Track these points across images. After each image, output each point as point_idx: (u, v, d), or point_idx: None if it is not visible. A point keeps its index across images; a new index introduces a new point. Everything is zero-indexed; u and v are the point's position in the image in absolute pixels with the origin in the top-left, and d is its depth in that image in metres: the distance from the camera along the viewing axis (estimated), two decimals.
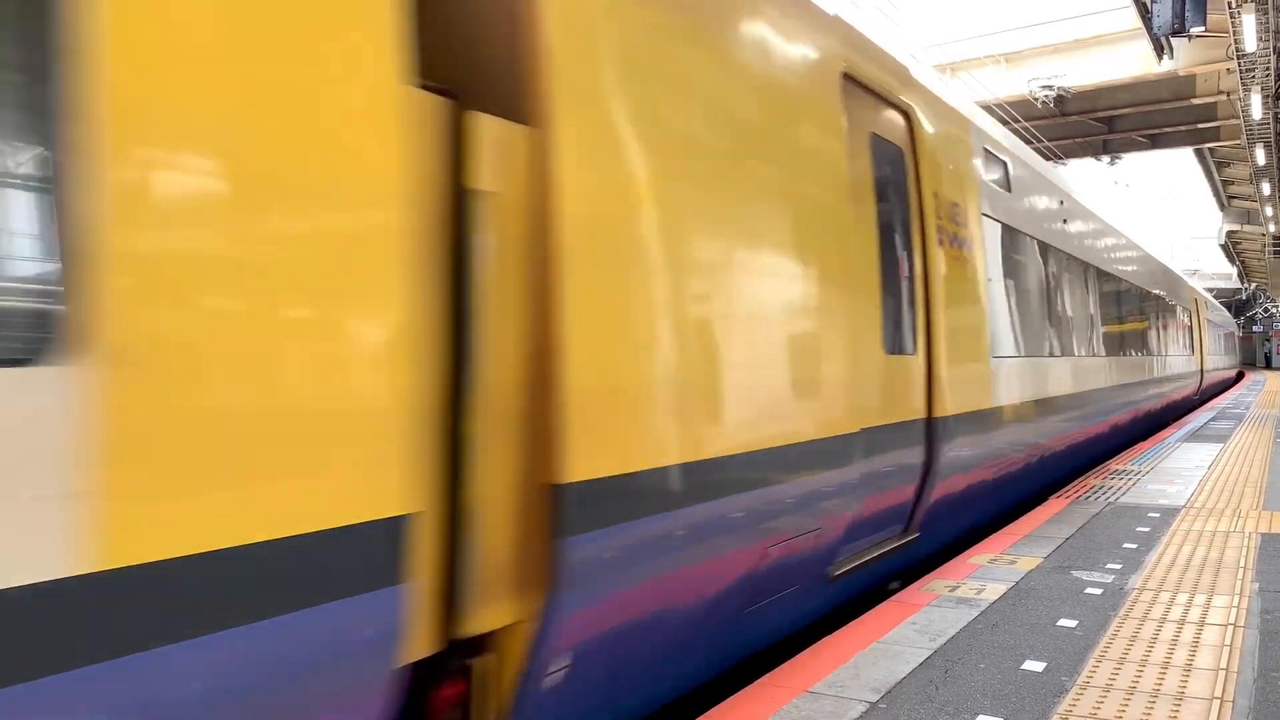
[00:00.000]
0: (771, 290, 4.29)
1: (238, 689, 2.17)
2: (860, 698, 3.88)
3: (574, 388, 3.07)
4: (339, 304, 2.38)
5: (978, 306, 7.04)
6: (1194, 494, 9.18)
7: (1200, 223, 64.89)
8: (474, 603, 2.86)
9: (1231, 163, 31.49)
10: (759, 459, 4.11)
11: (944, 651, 4.48)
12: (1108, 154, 28.32)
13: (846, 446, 4.87)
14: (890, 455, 5.55)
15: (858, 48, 5.57)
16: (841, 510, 4.91)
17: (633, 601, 3.44)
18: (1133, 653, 4.43)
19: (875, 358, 5.34)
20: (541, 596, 3.04)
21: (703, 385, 3.75)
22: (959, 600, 5.37)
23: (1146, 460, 12.15)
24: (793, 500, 4.44)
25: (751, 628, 4.46)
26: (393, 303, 2.49)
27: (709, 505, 3.76)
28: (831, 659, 4.36)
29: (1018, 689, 3.99)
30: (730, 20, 4.16)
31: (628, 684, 3.66)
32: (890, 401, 5.56)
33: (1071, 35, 21.99)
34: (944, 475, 6.19)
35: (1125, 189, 37.98)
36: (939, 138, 6.64)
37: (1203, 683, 4.02)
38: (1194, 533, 7.25)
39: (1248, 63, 15.47)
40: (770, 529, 4.26)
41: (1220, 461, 11.85)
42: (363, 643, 2.43)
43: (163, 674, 2.02)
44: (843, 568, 5.21)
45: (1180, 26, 13.62)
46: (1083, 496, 9.16)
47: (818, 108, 4.88)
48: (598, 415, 3.17)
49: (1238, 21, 13.77)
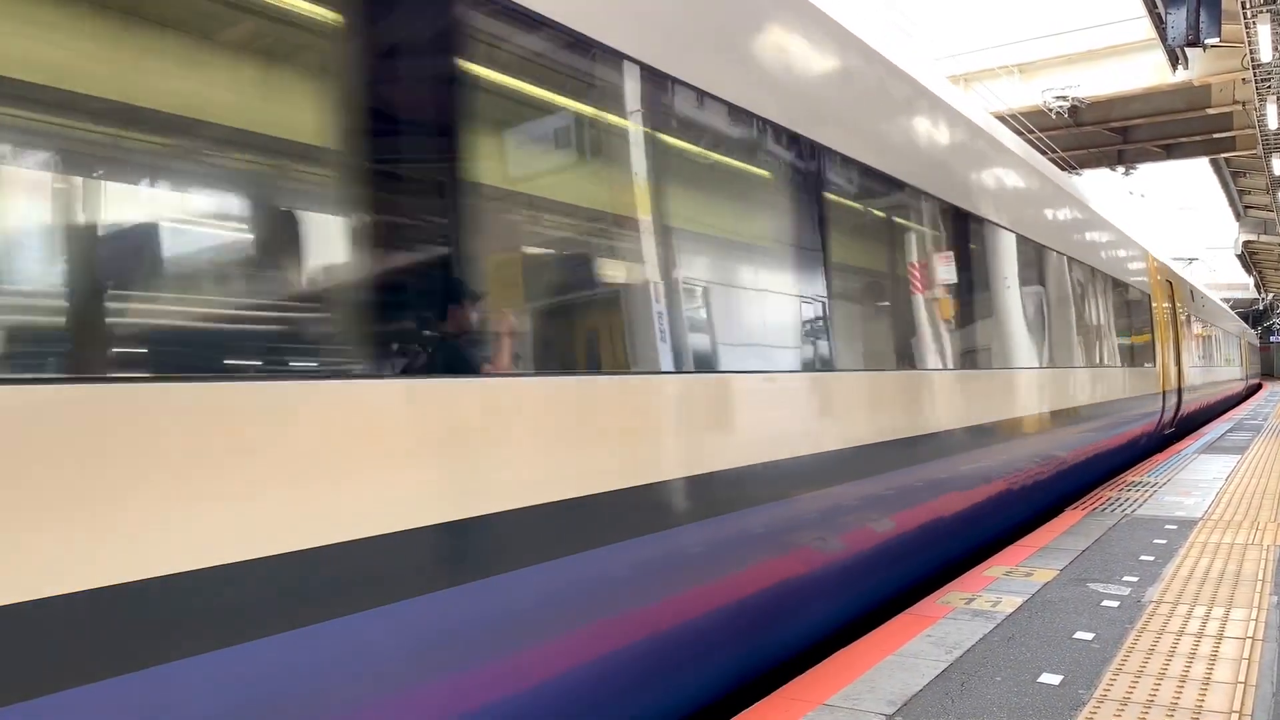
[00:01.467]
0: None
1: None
2: (876, 710, 3.89)
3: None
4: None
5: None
6: (1211, 506, 9.14)
7: (1217, 233, 64.61)
8: None
9: (1247, 172, 31.33)
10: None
11: (960, 664, 4.48)
12: (1122, 164, 28.21)
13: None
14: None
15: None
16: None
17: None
18: (1150, 666, 4.42)
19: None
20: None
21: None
22: (975, 612, 5.36)
23: (1163, 472, 12.09)
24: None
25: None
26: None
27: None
28: (847, 671, 4.37)
29: (1034, 702, 3.99)
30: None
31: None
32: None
33: (1085, 46, 21.94)
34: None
35: (1141, 199, 37.75)
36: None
37: (1221, 696, 4.01)
38: (1211, 545, 7.22)
39: (1263, 73, 15.42)
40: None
41: (1238, 473, 11.78)
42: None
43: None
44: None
45: (1195, 38, 13.58)
46: (1099, 509, 9.12)
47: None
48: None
49: (1253, 32, 13.73)
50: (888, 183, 6.10)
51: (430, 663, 2.80)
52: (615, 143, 3.80)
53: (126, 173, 2.42)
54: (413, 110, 2.92)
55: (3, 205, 2.19)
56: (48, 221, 2.27)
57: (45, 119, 2.25)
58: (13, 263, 2.20)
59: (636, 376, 3.68)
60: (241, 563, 2.29)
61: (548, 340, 3.47)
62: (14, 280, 2.19)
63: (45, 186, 2.27)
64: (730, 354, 4.40)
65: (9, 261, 2.19)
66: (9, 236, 2.20)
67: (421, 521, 2.74)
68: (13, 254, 2.21)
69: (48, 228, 2.27)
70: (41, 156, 2.29)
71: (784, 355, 4.83)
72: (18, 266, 2.21)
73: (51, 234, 2.27)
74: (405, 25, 2.90)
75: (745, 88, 4.45)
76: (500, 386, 3.03)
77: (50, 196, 2.28)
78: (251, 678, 2.33)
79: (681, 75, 3.96)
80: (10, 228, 2.21)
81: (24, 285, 2.22)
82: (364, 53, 2.77)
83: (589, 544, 3.29)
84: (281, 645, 2.38)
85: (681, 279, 4.06)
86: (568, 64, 3.54)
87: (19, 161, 2.22)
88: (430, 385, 2.81)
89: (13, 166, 2.20)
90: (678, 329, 3.95)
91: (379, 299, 2.75)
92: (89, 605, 2.03)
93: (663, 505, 3.70)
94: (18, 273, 2.20)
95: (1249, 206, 37.76)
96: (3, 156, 2.16)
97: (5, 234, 2.19)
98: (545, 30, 3.37)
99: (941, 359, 6.75)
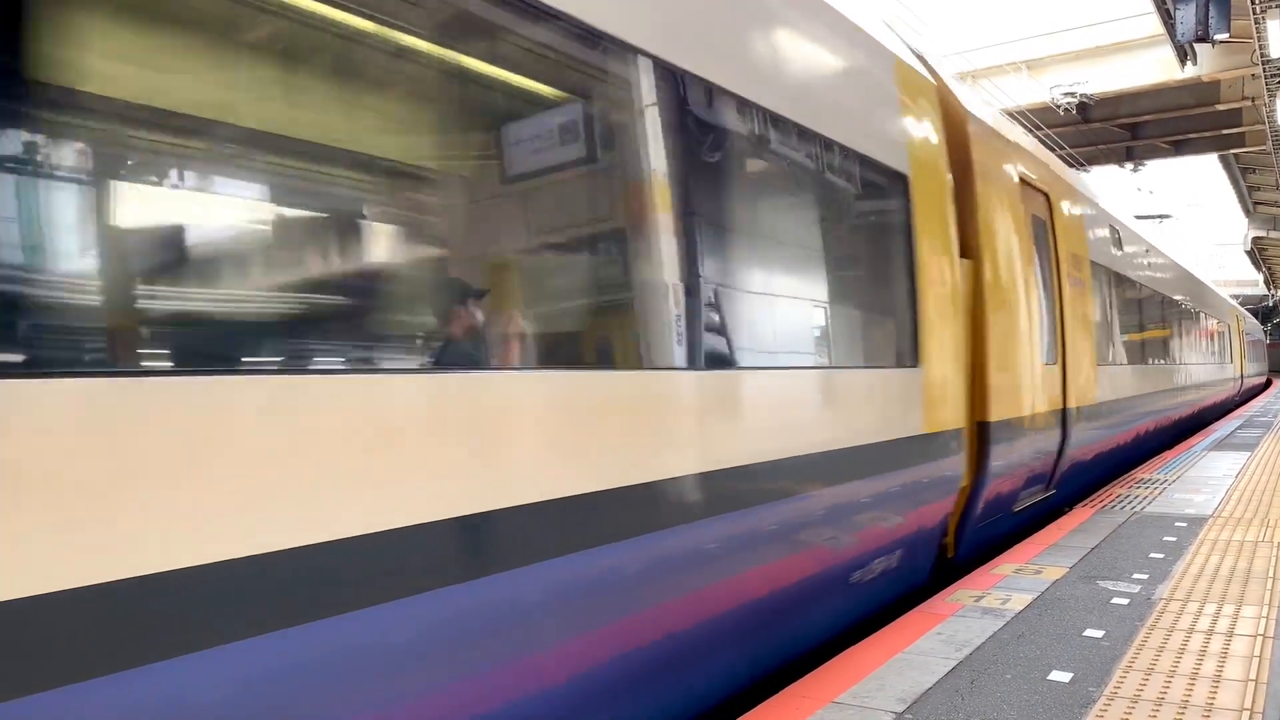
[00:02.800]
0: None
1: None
2: (886, 708, 3.89)
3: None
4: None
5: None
6: (1221, 503, 9.11)
7: (1226, 229, 64.36)
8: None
9: (1257, 168, 31.19)
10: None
11: (970, 662, 4.47)
12: (1131, 161, 28.10)
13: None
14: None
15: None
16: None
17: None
18: (1160, 663, 4.41)
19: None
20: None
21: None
22: (984, 610, 5.36)
23: (1173, 469, 12.04)
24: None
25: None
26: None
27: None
28: (857, 669, 4.37)
29: (1044, 700, 3.98)
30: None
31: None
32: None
33: (1093, 42, 21.84)
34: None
35: (1149, 195, 37.63)
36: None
37: (1232, 694, 4.00)
38: (1221, 542, 7.20)
39: (1273, 68, 15.34)
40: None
41: (1248, 470, 11.73)
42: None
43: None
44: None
45: (1204, 33, 13.51)
46: (1108, 506, 9.10)
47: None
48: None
49: (1262, 27, 13.65)
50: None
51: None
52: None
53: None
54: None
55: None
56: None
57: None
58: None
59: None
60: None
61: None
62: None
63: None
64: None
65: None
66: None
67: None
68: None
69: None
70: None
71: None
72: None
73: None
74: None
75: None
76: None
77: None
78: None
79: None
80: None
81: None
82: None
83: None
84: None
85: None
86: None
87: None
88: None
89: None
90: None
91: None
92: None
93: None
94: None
95: (1258, 203, 37.58)
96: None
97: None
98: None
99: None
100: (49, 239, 2.23)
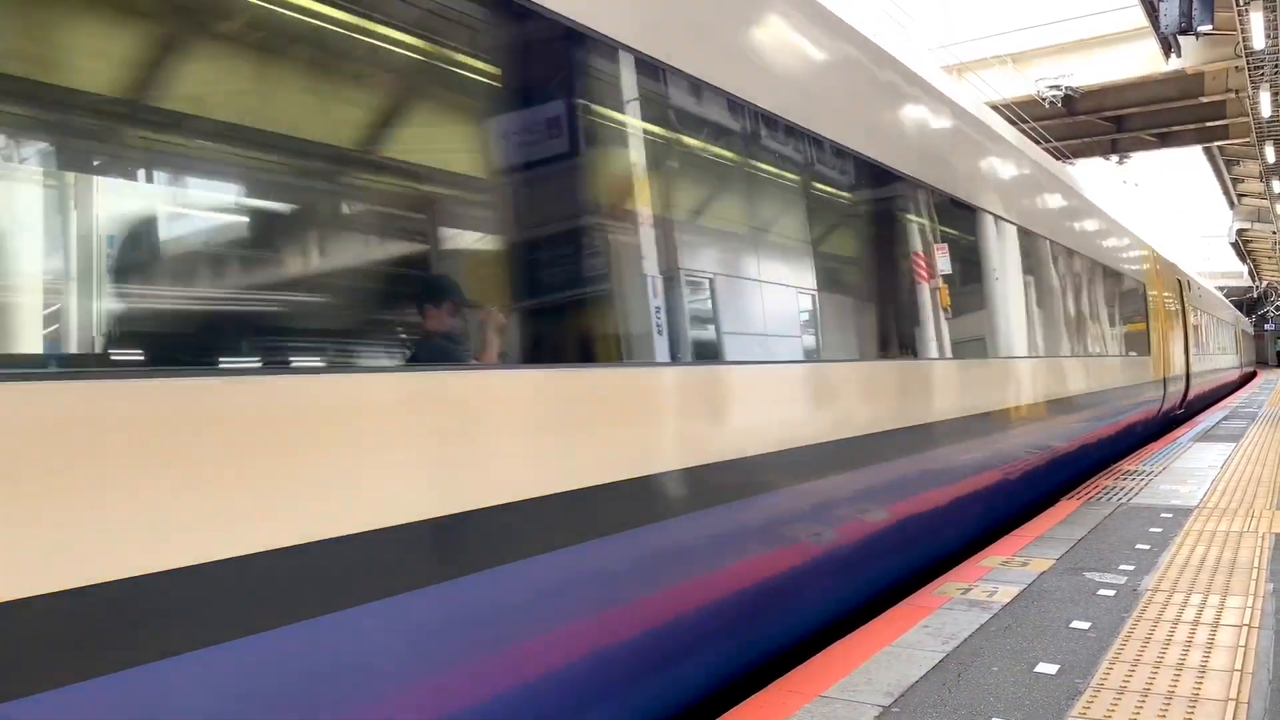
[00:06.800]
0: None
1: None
2: (873, 701, 3.88)
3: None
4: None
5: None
6: (1207, 494, 9.15)
7: (1210, 221, 64.69)
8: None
9: (1241, 160, 31.34)
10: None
11: (956, 654, 4.47)
12: (1116, 153, 28.22)
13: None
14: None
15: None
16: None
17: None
18: (1146, 654, 4.42)
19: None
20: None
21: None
22: (971, 603, 5.36)
23: (1158, 460, 12.11)
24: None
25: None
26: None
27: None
28: (844, 663, 4.36)
29: (1031, 692, 3.98)
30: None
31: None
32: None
33: (1077, 35, 21.93)
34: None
35: (1134, 188, 37.71)
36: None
37: (1217, 684, 4.01)
38: (1207, 533, 7.22)
39: (1256, 60, 15.41)
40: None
41: (1233, 461, 11.80)
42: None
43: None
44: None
45: (1188, 25, 13.57)
46: (1095, 497, 9.13)
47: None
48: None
49: (1245, 19, 13.71)
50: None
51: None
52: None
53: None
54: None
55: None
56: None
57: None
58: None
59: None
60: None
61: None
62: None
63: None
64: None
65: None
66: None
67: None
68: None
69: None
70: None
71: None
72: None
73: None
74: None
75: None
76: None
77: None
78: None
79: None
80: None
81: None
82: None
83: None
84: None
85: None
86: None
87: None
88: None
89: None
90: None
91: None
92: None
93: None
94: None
95: (1242, 195, 37.79)
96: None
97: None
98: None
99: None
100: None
